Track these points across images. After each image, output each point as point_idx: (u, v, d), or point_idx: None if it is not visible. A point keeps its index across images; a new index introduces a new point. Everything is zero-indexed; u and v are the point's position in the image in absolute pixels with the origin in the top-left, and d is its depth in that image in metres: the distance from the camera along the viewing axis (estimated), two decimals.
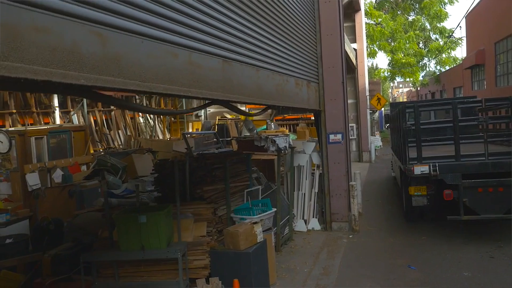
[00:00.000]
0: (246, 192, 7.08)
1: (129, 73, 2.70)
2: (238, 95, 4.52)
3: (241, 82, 4.65)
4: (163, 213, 5.01)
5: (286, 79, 6.56)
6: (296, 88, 7.26)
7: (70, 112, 14.25)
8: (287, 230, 8.70)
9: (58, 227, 6.91)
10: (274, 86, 5.94)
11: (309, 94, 8.37)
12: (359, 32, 21.85)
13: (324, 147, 9.41)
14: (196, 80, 3.59)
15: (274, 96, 5.89)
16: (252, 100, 4.99)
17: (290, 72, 6.83)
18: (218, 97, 4.03)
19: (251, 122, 19.25)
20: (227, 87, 4.23)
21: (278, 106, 6.18)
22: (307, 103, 8.18)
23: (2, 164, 8.71)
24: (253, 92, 5.01)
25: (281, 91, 6.25)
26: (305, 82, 8.01)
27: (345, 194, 9.31)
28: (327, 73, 9.26)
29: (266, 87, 5.55)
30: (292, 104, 6.93)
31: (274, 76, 5.93)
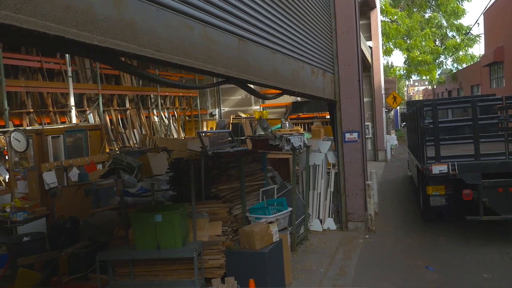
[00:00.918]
0: (262, 191, 7.03)
1: (143, 41, 2.67)
2: (254, 76, 4.48)
3: (257, 63, 4.61)
4: (178, 212, 4.99)
5: (301, 66, 6.51)
6: (311, 76, 7.19)
7: (86, 111, 14.36)
8: (302, 230, 8.64)
9: (74, 226, 6.94)
10: (290, 71, 5.90)
11: (325, 84, 8.29)
12: (374, 30, 21.64)
13: (340, 146, 9.31)
14: (212, 56, 3.57)
15: (289, 81, 5.84)
16: (267, 82, 4.94)
17: (305, 59, 6.77)
18: (234, 75, 3.99)
19: (265, 121, 19.19)
20: (243, 67, 4.20)
21: (294, 91, 6.11)
22: (323, 93, 8.08)
23: (19, 163, 8.79)
24: (268, 75, 4.97)
25: (297, 77, 6.20)
26: (320, 71, 7.92)
27: (361, 194, 9.20)
28: (343, 71, 9.16)
29: (282, 71, 5.50)
30: (308, 91, 6.85)
31: (290, 61, 5.88)
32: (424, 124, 8.28)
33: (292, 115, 20.83)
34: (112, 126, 15.75)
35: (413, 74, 31.79)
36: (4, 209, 8.22)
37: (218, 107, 23.40)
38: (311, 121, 19.88)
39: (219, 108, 23.39)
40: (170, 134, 19.27)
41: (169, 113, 19.79)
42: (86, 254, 5.92)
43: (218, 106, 23.39)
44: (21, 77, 12.95)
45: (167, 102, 19.92)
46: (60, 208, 8.07)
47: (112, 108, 15.89)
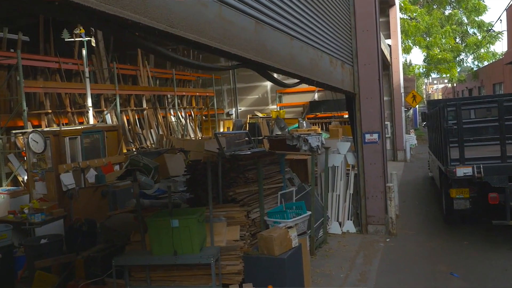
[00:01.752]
0: (280, 195, 6.88)
1: (156, 14, 2.58)
2: (271, 61, 4.35)
3: (275, 48, 4.48)
4: (195, 217, 4.87)
5: (320, 55, 6.35)
6: (330, 67, 7.02)
7: (103, 111, 14.39)
8: (321, 233, 8.46)
9: (91, 228, 6.90)
10: (308, 60, 5.74)
11: (344, 76, 8.10)
12: (393, 28, 21.27)
13: (359, 147, 9.11)
14: (228, 37, 3.48)
15: (307, 70, 5.69)
16: (285, 68, 4.80)
17: (324, 48, 6.61)
18: (251, 57, 3.88)
19: (282, 121, 19.02)
20: (260, 50, 4.09)
21: (312, 80, 5.95)
22: (341, 84, 7.89)
23: (37, 164, 8.82)
24: (286, 61, 4.83)
25: (315, 66, 6.04)
26: (339, 62, 7.74)
27: (381, 196, 8.98)
28: (363, 70, 8.95)
29: (300, 58, 5.35)
30: (327, 82, 6.68)
31: (308, 49, 5.73)
32: (447, 125, 8.02)
33: (310, 114, 20.60)
34: (129, 126, 15.77)
35: (433, 72, 31.21)
36: (23, 210, 8.26)
37: (235, 107, 23.30)
38: (329, 121, 19.63)
39: (235, 107, 23.29)
40: (187, 134, 19.24)
41: (186, 113, 19.75)
42: (103, 258, 5.85)
43: (234, 105, 23.29)
44: (40, 78, 13.03)
45: (184, 102, 19.90)
46: (77, 209, 8.05)
47: (129, 108, 15.90)
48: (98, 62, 15.09)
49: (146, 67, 17.40)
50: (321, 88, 20.51)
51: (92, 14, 2.20)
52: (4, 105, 11.95)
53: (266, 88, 22.72)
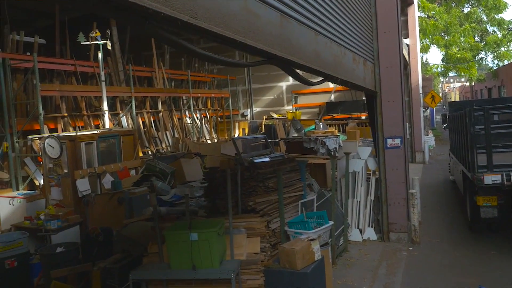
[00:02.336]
0: (301, 204, 6.66)
1: (177, 4, 2.42)
2: (296, 57, 4.14)
3: (300, 43, 4.29)
4: (215, 230, 4.69)
5: (343, 52, 6.12)
6: (353, 64, 6.79)
7: (119, 114, 14.32)
8: (342, 241, 8.22)
9: (107, 237, 6.76)
10: (332, 56, 5.53)
11: (365, 73, 7.85)
12: (412, 27, 20.86)
13: (381, 152, 8.83)
14: (253, 30, 3.29)
15: (331, 67, 5.48)
16: (310, 65, 4.59)
17: (347, 45, 6.39)
18: (278, 53, 3.68)
19: (298, 122, 18.79)
20: (285, 46, 3.89)
21: (336, 78, 5.73)
22: (363, 82, 7.64)
23: (53, 169, 8.73)
24: (311, 58, 4.62)
25: (338, 63, 5.83)
26: (361, 59, 7.49)
27: (403, 203, 8.69)
28: (385, 73, 8.67)
29: (324, 55, 5.15)
30: (349, 79, 6.45)
31: (332, 46, 5.53)
32: (474, 130, 7.70)
33: (326, 115, 20.31)
34: (144, 128, 15.68)
35: (451, 71, 30.61)
36: (39, 216, 8.18)
37: (250, 108, 23.13)
38: (346, 122, 19.33)
39: (251, 108, 23.12)
40: (202, 135, 19.11)
41: (201, 114, 19.63)
42: (119, 269, 5.70)
43: (250, 106, 23.12)
44: (56, 80, 13.00)
45: (199, 103, 19.78)
46: (93, 216, 7.94)
47: (145, 110, 15.82)
48: (113, 64, 15.03)
49: (162, 68, 17.30)
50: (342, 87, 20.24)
51: (110, 2, 2.04)
52: (21, 109, 11.93)
53: (281, 89, 22.51)
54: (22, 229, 7.99)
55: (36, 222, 8.00)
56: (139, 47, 19.02)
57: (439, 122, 38.09)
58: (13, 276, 6.94)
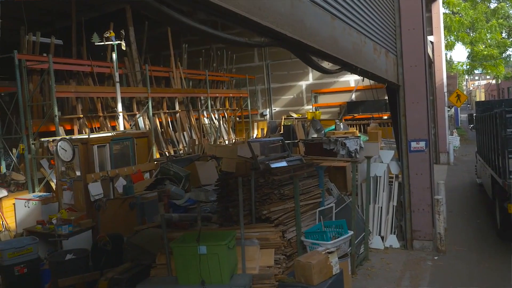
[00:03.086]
0: (318, 212, 6.30)
1: None
2: (310, 41, 3.78)
3: (314, 26, 3.92)
4: (225, 243, 4.38)
5: (363, 40, 5.73)
6: (374, 54, 6.38)
7: (135, 115, 14.17)
8: (362, 249, 7.82)
9: (117, 244, 6.54)
10: (351, 44, 5.16)
11: (387, 65, 7.41)
12: (436, 24, 20.16)
13: (404, 155, 8.38)
14: (258, 6, 2.97)
15: (351, 55, 5.10)
16: (326, 51, 4.22)
17: (368, 34, 5.98)
18: (287, 33, 3.33)
19: (318, 122, 18.36)
20: (297, 28, 3.54)
21: (356, 67, 5.33)
22: (385, 74, 7.20)
23: (66, 173, 8.57)
24: (327, 43, 4.25)
25: (358, 51, 5.44)
26: (383, 50, 7.06)
27: (428, 209, 8.23)
28: (408, 72, 8.22)
29: (342, 41, 4.77)
30: (370, 70, 6.03)
31: (351, 32, 5.15)
32: (506, 133, 7.20)
33: (347, 115, 19.82)
34: (162, 129, 15.52)
35: (477, 69, 29.65)
36: (51, 220, 8.03)
37: (269, 107, 22.80)
38: (367, 122, 18.80)
39: (270, 108, 22.79)
40: (220, 135, 18.87)
41: (219, 115, 19.39)
42: (127, 280, 5.45)
43: (269, 106, 22.78)
44: (73, 81, 12.91)
45: (217, 103, 19.54)
46: (104, 221, 7.73)
47: (162, 111, 15.65)
48: (130, 64, 14.89)
49: (179, 68, 17.11)
50: (364, 86, 19.73)
51: None
52: (37, 110, 11.88)
53: (301, 88, 22.12)
54: (34, 233, 7.87)
55: (48, 227, 7.85)
56: (159, 47, 18.91)
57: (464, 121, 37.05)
58: (23, 283, 6.79)
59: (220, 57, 20.71)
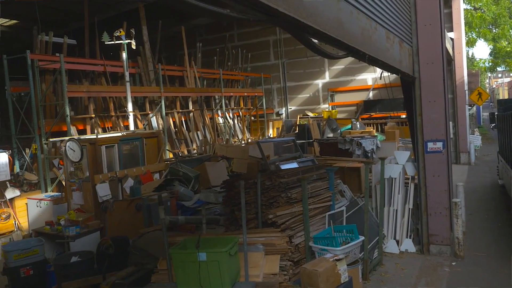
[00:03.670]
0: (328, 216, 6.04)
1: None
2: (310, 21, 3.45)
3: (315, 5, 3.59)
4: (226, 250, 4.18)
5: (374, 27, 5.41)
6: (386, 43, 6.04)
7: (148, 114, 14.10)
8: (376, 253, 7.52)
9: (123, 247, 6.41)
10: (360, 29, 4.85)
11: (402, 56, 7.06)
12: (456, 20, 19.59)
13: (420, 156, 8.05)
14: None
15: (358, 41, 4.78)
16: (329, 33, 3.87)
17: (380, 20, 5.64)
18: (279, 9, 2.96)
19: (334, 121, 18.04)
20: (293, 4, 3.20)
21: (363, 53, 4.98)
22: (399, 64, 6.83)
23: (74, 173, 8.50)
24: (330, 25, 3.92)
25: (367, 38, 5.13)
26: (397, 39, 6.72)
27: (446, 213, 7.88)
28: (425, 70, 7.88)
29: (349, 26, 4.46)
30: (381, 58, 5.67)
31: (359, 17, 4.84)
32: None
33: (364, 114, 19.43)
34: (175, 128, 15.43)
35: (500, 66, 28.85)
36: (59, 221, 7.97)
37: (285, 106, 22.53)
38: (384, 121, 18.38)
39: (285, 107, 22.52)
40: (235, 134, 18.71)
41: (233, 114, 19.23)
42: (129, 285, 5.31)
43: (284, 105, 22.52)
44: (85, 81, 12.90)
45: (232, 102, 19.37)
46: (112, 223, 7.63)
47: (175, 110, 15.55)
48: (143, 64, 14.83)
49: (193, 67, 17.00)
50: (381, 84, 19.30)
51: None
52: (50, 110, 11.89)
53: (317, 87, 21.80)
54: (42, 234, 7.83)
55: (56, 228, 7.80)
56: (174, 46, 18.84)
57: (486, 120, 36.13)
58: (28, 285, 6.75)
59: (235, 56, 20.55)
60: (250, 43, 22.21)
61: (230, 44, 21.56)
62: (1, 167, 10.38)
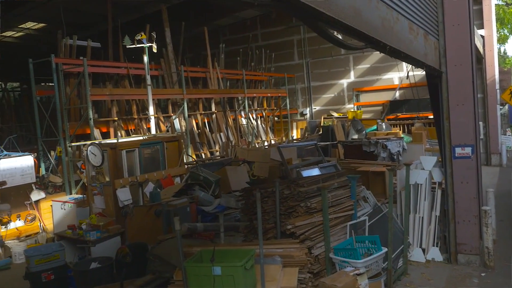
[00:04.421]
0: (349, 226, 5.85)
1: None
2: (323, 8, 3.25)
3: None
4: (241, 265, 4.05)
5: (396, 17, 5.16)
6: (409, 34, 5.76)
7: (171, 116, 14.11)
8: (400, 262, 7.27)
9: (141, 254, 6.37)
10: (380, 19, 4.62)
11: (427, 49, 6.75)
12: (487, 16, 18.93)
13: (448, 162, 7.73)
14: None
15: (379, 31, 4.56)
16: (345, 21, 3.68)
17: (401, 10, 5.39)
18: None
19: (359, 122, 17.68)
20: None
21: (384, 44, 4.73)
22: (424, 58, 6.51)
23: (96, 178, 8.54)
24: (347, 14, 3.73)
25: (389, 28, 4.89)
26: (421, 31, 6.42)
27: (475, 221, 7.55)
28: (453, 72, 7.55)
29: (367, 15, 4.24)
30: (404, 50, 5.38)
31: (379, 6, 4.62)
32: None
33: (390, 115, 19.00)
34: (198, 130, 15.41)
35: None
36: (81, 225, 8.02)
37: (309, 106, 22.28)
38: (411, 122, 17.91)
39: (310, 107, 22.27)
40: (258, 135, 18.59)
41: (257, 114, 19.10)
42: None
43: (309, 105, 22.27)
44: (109, 84, 13.00)
45: (255, 103, 19.25)
46: (132, 228, 7.62)
47: (198, 112, 15.53)
48: (166, 66, 14.85)
49: (216, 68, 16.94)
50: (408, 84, 18.84)
51: None
52: (74, 113, 12.03)
53: (342, 86, 21.46)
54: (64, 238, 7.91)
55: (78, 232, 7.84)
56: (199, 47, 18.85)
57: None
58: None
59: (258, 56, 20.42)
60: (274, 42, 22.04)
61: (253, 44, 21.44)
62: (26, 169, 10.56)
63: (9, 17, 15.92)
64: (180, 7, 16.88)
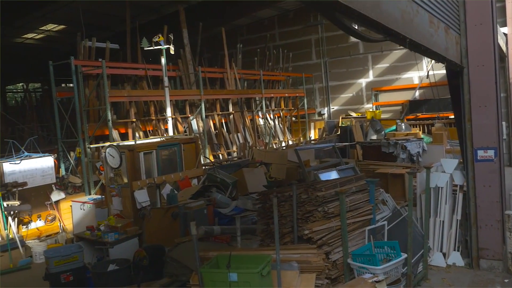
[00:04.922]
0: (368, 231, 5.75)
1: None
2: None
3: None
4: (257, 271, 4.01)
5: (416, 9, 5.03)
6: (430, 28, 5.62)
7: (189, 117, 14.15)
8: (420, 267, 7.13)
9: (158, 257, 6.39)
10: (400, 11, 4.51)
11: (448, 43, 6.57)
12: (510, 14, 18.46)
13: (469, 165, 7.54)
14: None
15: (398, 23, 4.45)
16: (364, 12, 3.62)
17: (422, 3, 5.26)
18: None
19: (378, 122, 17.46)
20: None
21: (404, 36, 4.62)
22: (445, 52, 6.35)
23: (114, 179, 8.60)
24: (365, 5, 3.67)
25: (408, 21, 4.77)
26: (442, 25, 6.25)
27: (497, 226, 7.35)
28: (475, 72, 7.36)
29: (387, 7, 4.16)
30: (424, 43, 5.23)
31: None
32: None
33: (409, 115, 18.71)
34: (215, 130, 15.43)
35: None
36: (99, 226, 8.10)
37: (327, 106, 22.10)
38: (431, 122, 17.60)
39: (328, 107, 22.08)
40: (276, 136, 18.53)
41: (274, 115, 19.03)
42: None
43: (327, 105, 22.09)
44: (127, 85, 13.10)
45: (273, 103, 19.19)
46: (149, 230, 7.66)
47: (216, 112, 15.55)
48: (184, 67, 14.90)
49: (233, 69, 16.94)
50: (428, 83, 18.54)
51: None
52: (93, 114, 12.15)
53: (360, 86, 21.23)
54: (83, 239, 7.99)
55: (96, 233, 7.92)
56: (217, 47, 18.88)
57: None
58: None
59: (276, 56, 20.34)
60: (292, 42, 21.92)
61: (271, 44, 21.36)
62: (47, 170, 10.73)
63: (30, 19, 16.21)
64: (197, 8, 16.91)
